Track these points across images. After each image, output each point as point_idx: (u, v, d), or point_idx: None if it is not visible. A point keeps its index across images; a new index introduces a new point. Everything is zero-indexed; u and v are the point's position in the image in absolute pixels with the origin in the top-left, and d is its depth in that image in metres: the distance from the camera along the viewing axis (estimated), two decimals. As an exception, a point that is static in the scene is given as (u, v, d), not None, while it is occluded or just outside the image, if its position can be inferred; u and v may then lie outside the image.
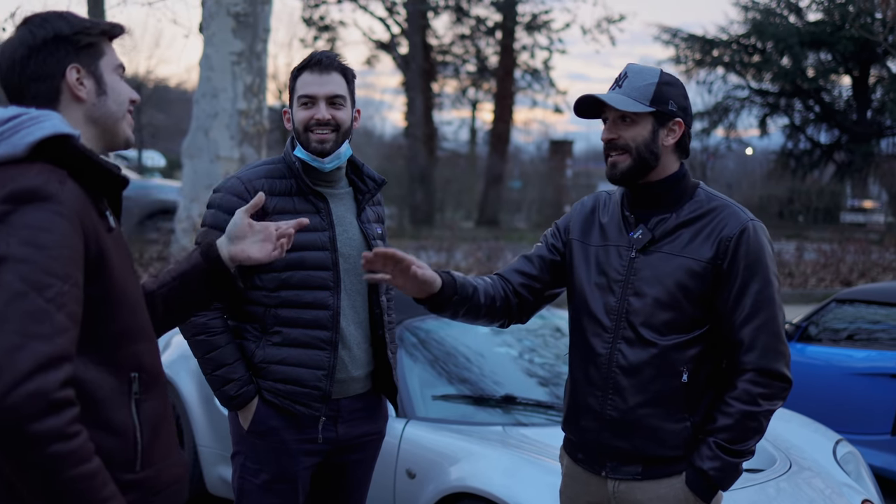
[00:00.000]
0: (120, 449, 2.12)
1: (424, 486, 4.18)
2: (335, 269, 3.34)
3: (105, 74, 2.26)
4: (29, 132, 2.09)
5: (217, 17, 14.60)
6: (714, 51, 35.18)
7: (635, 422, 2.87)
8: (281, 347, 3.32)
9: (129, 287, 2.18)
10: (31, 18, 2.25)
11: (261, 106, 15.02)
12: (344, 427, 3.43)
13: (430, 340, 5.07)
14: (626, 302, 2.90)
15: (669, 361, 2.85)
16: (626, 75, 2.90)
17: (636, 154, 2.87)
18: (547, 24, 34.14)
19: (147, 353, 2.23)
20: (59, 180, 2.05)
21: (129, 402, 2.15)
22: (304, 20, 35.19)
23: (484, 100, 39.56)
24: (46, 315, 1.91)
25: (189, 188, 15.10)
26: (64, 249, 1.99)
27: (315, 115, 3.33)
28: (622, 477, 2.92)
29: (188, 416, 5.69)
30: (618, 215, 3.00)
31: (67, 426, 1.88)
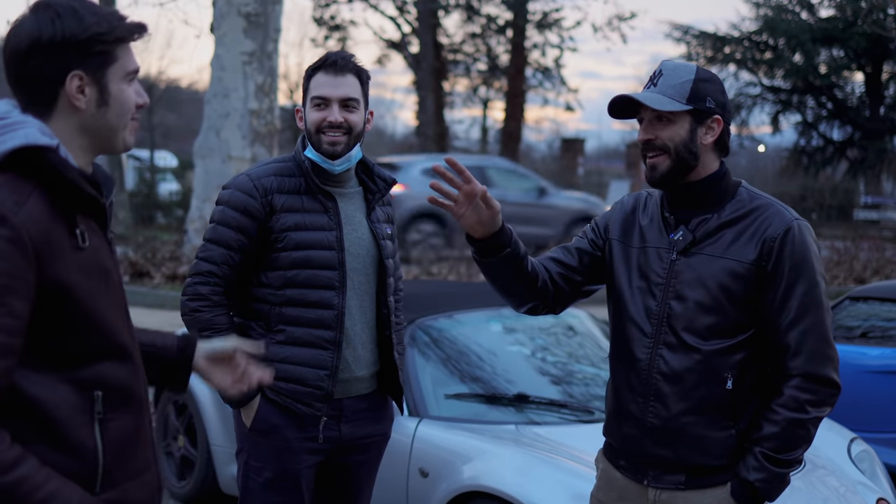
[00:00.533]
0: (77, 469, 2.05)
1: (437, 485, 4.17)
2: (341, 269, 3.34)
3: (111, 84, 2.11)
4: (1, 141, 1.99)
5: (228, 17, 14.61)
6: (726, 48, 35.08)
7: (678, 430, 2.78)
8: (284, 346, 3.32)
9: (96, 305, 2.07)
10: (44, 6, 2.06)
11: (272, 106, 15.02)
12: (347, 427, 3.43)
13: (443, 339, 5.06)
14: (668, 306, 2.80)
15: (713, 367, 2.75)
16: (661, 73, 2.80)
17: (675, 154, 2.76)
18: (558, 22, 34.08)
19: (119, 372, 2.13)
20: (18, 200, 1.95)
21: (90, 421, 2.06)
22: (314, 20, 35.19)
23: (495, 98, 39.53)
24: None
25: (201, 188, 15.13)
26: (3, 278, 1.90)
27: (327, 117, 3.32)
28: (664, 486, 2.83)
29: (201, 416, 5.70)
30: (658, 216, 2.90)
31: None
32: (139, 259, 15.73)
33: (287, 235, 3.28)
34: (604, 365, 5.22)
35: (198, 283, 3.29)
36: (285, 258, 3.28)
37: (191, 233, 15.38)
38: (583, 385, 5.13)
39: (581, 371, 5.25)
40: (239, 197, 3.31)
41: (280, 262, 3.28)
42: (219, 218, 3.34)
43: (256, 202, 3.29)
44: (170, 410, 6.10)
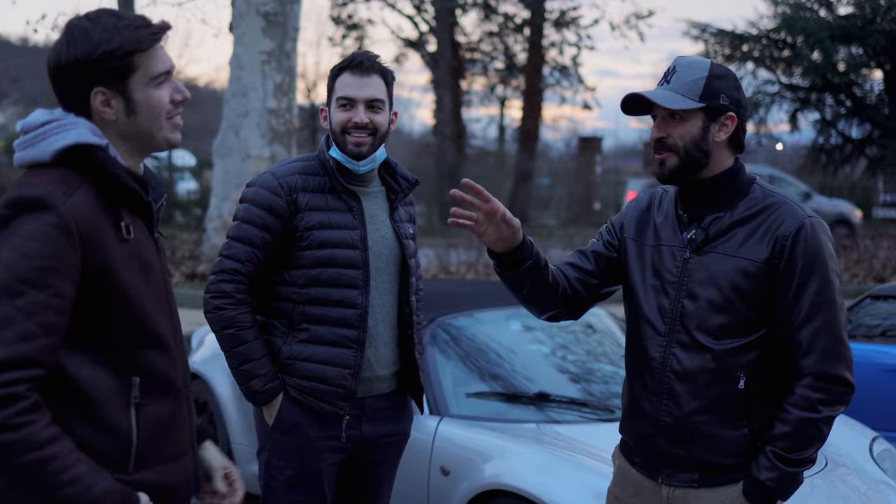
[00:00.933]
0: (112, 448, 2.18)
1: (458, 484, 4.18)
2: (365, 268, 3.35)
3: (135, 92, 2.24)
4: (55, 139, 2.17)
5: (247, 16, 14.66)
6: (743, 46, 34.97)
7: (691, 429, 2.79)
8: (307, 344, 3.33)
9: (136, 295, 2.20)
10: (66, 29, 2.24)
11: (291, 105, 15.06)
12: (368, 426, 3.44)
13: (463, 337, 5.07)
14: (681, 304, 2.81)
15: (726, 367, 2.75)
16: (674, 69, 2.79)
17: (683, 153, 2.76)
18: (575, 21, 34.07)
19: (157, 361, 2.26)
20: (66, 191, 2.11)
21: (127, 404, 2.20)
22: (332, 18, 35.26)
23: (512, 97, 39.52)
24: (13, 322, 2.01)
25: (220, 187, 15.19)
26: (48, 260, 2.05)
27: (353, 118, 3.32)
28: (678, 484, 2.84)
29: (221, 414, 5.73)
30: (672, 214, 2.90)
31: (12, 418, 1.99)
32: (158, 258, 15.80)
33: (312, 234, 3.28)
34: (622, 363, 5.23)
35: (222, 281, 3.30)
36: (309, 256, 3.29)
37: (210, 231, 15.43)
38: (602, 383, 5.13)
39: (600, 369, 5.26)
40: (264, 195, 3.32)
41: (304, 260, 3.29)
42: (243, 215, 3.34)
43: (281, 200, 3.29)
44: (191, 408, 6.12)
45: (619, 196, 32.83)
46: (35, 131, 2.21)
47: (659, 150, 2.79)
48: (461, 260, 16.30)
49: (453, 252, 16.73)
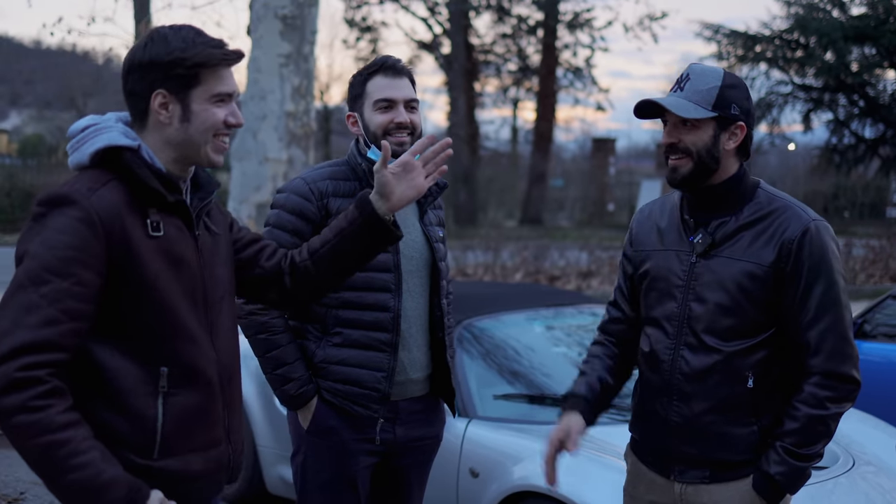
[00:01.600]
0: (138, 434, 2.30)
1: (488, 486, 4.21)
2: (397, 271, 3.36)
3: (194, 104, 2.39)
4: (91, 143, 2.36)
5: (265, 19, 14.70)
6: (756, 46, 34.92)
7: (701, 428, 2.85)
8: (341, 348, 3.34)
9: (163, 288, 2.33)
10: (151, 32, 2.42)
11: (308, 107, 15.10)
12: (402, 429, 3.45)
13: (489, 340, 5.10)
14: (688, 308, 2.87)
15: (734, 367, 2.81)
16: (687, 77, 2.84)
17: (697, 158, 2.81)
18: (589, 23, 34.10)
19: (186, 353, 2.37)
20: (91, 187, 2.27)
21: (154, 392, 2.32)
22: (346, 21, 35.32)
23: (525, 98, 39.55)
24: (37, 308, 2.14)
25: (238, 190, 15.21)
26: (71, 250, 2.19)
27: (395, 118, 3.35)
28: (690, 480, 2.90)
29: (247, 417, 5.75)
30: (677, 219, 2.97)
31: (30, 401, 2.10)
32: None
33: None
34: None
35: None
36: None
37: (227, 234, 15.49)
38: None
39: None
40: (295, 200, 3.34)
41: None
42: (275, 221, 3.38)
43: (312, 205, 3.32)
44: (216, 411, 6.15)
45: (632, 197, 32.83)
46: (77, 136, 2.40)
47: (671, 155, 2.85)
48: (478, 262, 16.33)
49: (470, 253, 16.77)
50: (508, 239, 19.67)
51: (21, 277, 2.18)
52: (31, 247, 2.21)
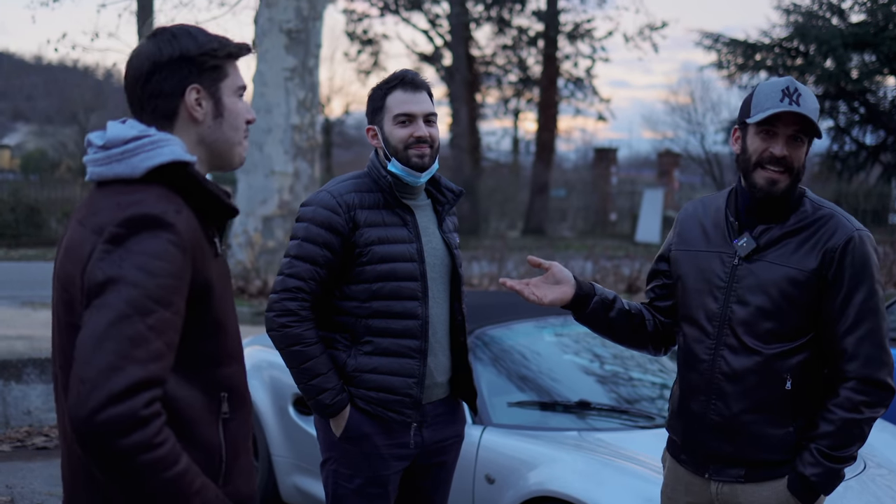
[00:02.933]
0: (206, 464, 2.21)
1: (504, 491, 4.26)
2: (423, 280, 3.44)
3: (225, 97, 2.29)
4: (149, 156, 2.17)
5: (270, 33, 14.80)
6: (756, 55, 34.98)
7: (739, 427, 2.93)
8: (372, 356, 3.41)
9: (226, 311, 2.27)
10: (161, 32, 2.28)
11: (314, 120, 15.18)
12: (429, 431, 3.54)
13: (501, 348, 5.15)
14: (730, 309, 2.94)
15: (773, 369, 2.89)
16: (797, 91, 2.86)
17: (795, 175, 2.90)
18: (589, 33, 34.17)
19: (236, 375, 2.32)
20: (177, 209, 2.13)
21: (216, 420, 2.24)
22: (347, 34, 35.44)
23: (526, 109, 39.63)
24: (145, 340, 2.00)
25: (245, 203, 15.29)
26: (171, 279, 2.06)
27: (415, 132, 3.43)
28: (725, 479, 2.97)
29: (262, 426, 5.80)
30: (722, 221, 3.04)
31: (154, 437, 1.99)
32: (182, 274, 15.87)
33: (371, 249, 3.38)
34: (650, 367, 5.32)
35: (285, 300, 3.36)
36: (370, 271, 3.38)
37: (234, 248, 15.53)
38: (640, 389, 5.21)
39: (639, 378, 5.33)
40: (323, 213, 3.40)
41: (365, 275, 3.38)
42: (303, 234, 3.41)
43: (340, 218, 3.38)
44: (230, 421, 6.20)
45: (634, 206, 32.85)
46: (123, 146, 2.19)
47: (776, 169, 2.87)
48: (483, 272, 16.38)
49: (475, 264, 16.82)
50: (512, 249, 19.72)
51: (120, 306, 2.01)
52: (127, 272, 2.04)
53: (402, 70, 3.55)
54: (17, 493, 6.11)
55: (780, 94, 2.85)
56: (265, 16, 14.87)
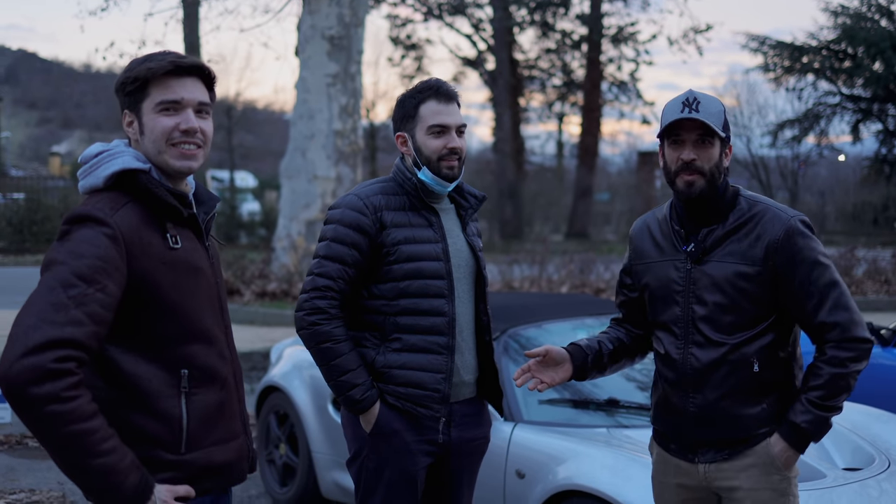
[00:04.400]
0: (166, 433, 2.51)
1: (534, 486, 4.36)
2: (449, 278, 3.55)
3: (144, 115, 2.61)
4: (106, 167, 2.56)
5: (312, 40, 14.97)
6: (804, 57, 34.81)
7: (717, 414, 3.17)
8: (401, 353, 3.52)
9: (181, 296, 2.55)
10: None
11: (356, 126, 15.33)
12: (456, 430, 3.63)
13: (533, 347, 5.23)
14: (691, 310, 3.19)
15: (740, 357, 3.14)
16: (696, 100, 3.13)
17: (710, 175, 3.14)
18: (633, 36, 34.10)
19: (203, 355, 2.60)
20: (113, 207, 2.47)
21: (178, 394, 2.54)
22: (391, 39, 35.59)
23: (570, 113, 39.58)
24: (65, 307, 2.31)
25: (288, 207, 15.47)
26: (98, 261, 2.38)
27: (448, 144, 3.55)
28: (712, 460, 3.21)
29: (302, 424, 5.94)
30: (669, 231, 3.28)
31: (63, 391, 2.26)
32: (229, 277, 16.10)
33: (398, 249, 3.49)
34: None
35: (315, 298, 3.47)
36: (398, 270, 3.50)
37: (278, 251, 15.72)
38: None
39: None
40: (351, 215, 3.52)
41: (393, 274, 3.50)
42: (332, 235, 3.53)
43: (367, 219, 3.49)
44: (271, 420, 6.37)
45: (679, 210, 32.72)
46: (90, 162, 2.59)
47: (688, 172, 3.13)
48: (524, 275, 16.46)
49: (516, 267, 16.89)
50: (554, 253, 19.77)
51: (49, 280, 2.35)
52: (59, 255, 2.39)
53: (434, 79, 3.65)
54: (67, 489, 6.30)
55: (681, 105, 3.12)
56: (308, 23, 15.05)
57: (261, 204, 32.81)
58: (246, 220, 30.88)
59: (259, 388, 6.57)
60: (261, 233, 29.06)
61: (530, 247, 21.73)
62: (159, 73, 2.57)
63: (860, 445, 4.59)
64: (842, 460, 4.52)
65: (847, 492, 4.10)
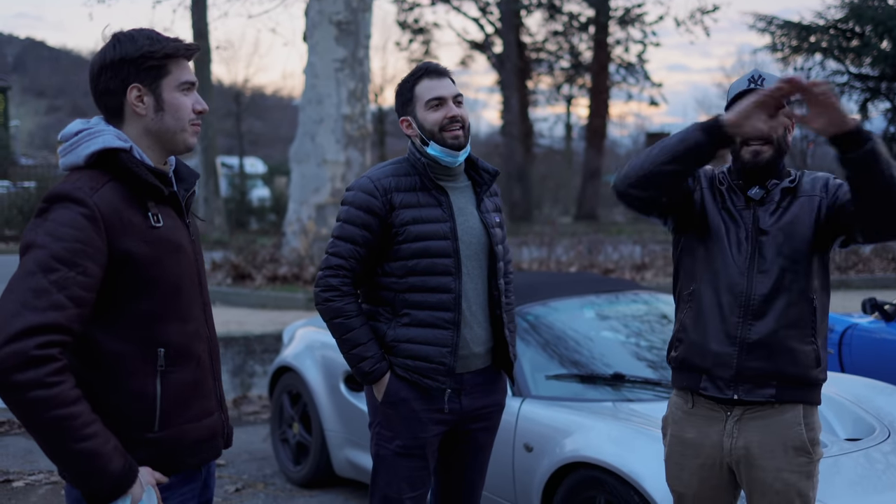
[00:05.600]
0: (140, 410, 2.54)
1: (541, 459, 4.47)
2: (456, 256, 3.68)
3: (165, 93, 2.62)
4: (86, 146, 2.55)
5: (320, 26, 15.04)
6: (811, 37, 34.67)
7: (775, 344, 3.24)
8: (409, 328, 3.67)
9: (163, 273, 2.56)
10: (114, 36, 2.62)
11: (364, 110, 15.40)
12: (467, 399, 3.77)
13: (541, 325, 5.34)
14: (756, 241, 3.28)
15: (801, 288, 3.24)
16: (762, 78, 3.27)
17: (777, 145, 3.30)
18: (640, 18, 34.05)
19: (180, 333, 2.62)
20: (93, 186, 2.47)
21: (153, 372, 2.56)
22: (398, 23, 35.61)
23: (579, 95, 39.57)
24: (46, 292, 2.33)
25: (298, 192, 15.54)
26: (77, 243, 2.39)
27: (447, 113, 3.68)
28: (755, 399, 3.24)
29: (315, 403, 6.05)
30: (729, 183, 3.40)
31: (46, 377, 2.29)
32: (241, 262, 16.20)
33: (406, 229, 3.64)
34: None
35: (328, 276, 3.67)
36: (406, 249, 3.64)
37: (289, 235, 15.81)
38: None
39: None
40: (362, 197, 3.68)
41: (402, 253, 3.65)
42: (345, 217, 3.71)
43: (377, 201, 3.65)
44: (284, 400, 6.49)
45: (688, 191, 32.73)
46: (71, 140, 2.59)
47: (755, 141, 3.28)
48: (533, 257, 16.56)
49: (525, 249, 16.99)
50: (563, 235, 19.86)
51: (29, 265, 2.36)
52: (39, 238, 2.38)
53: (425, 62, 3.82)
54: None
55: (747, 83, 3.27)
56: (315, 8, 15.13)
57: (270, 190, 32.91)
58: (256, 205, 30.99)
59: (272, 369, 6.68)
60: (271, 218, 29.18)
61: (539, 229, 21.79)
62: (181, 52, 2.62)
63: (861, 416, 4.68)
64: (843, 431, 4.61)
65: (849, 461, 4.19)
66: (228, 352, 11.31)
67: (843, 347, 6.73)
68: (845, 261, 17.81)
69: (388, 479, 3.75)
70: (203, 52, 25.08)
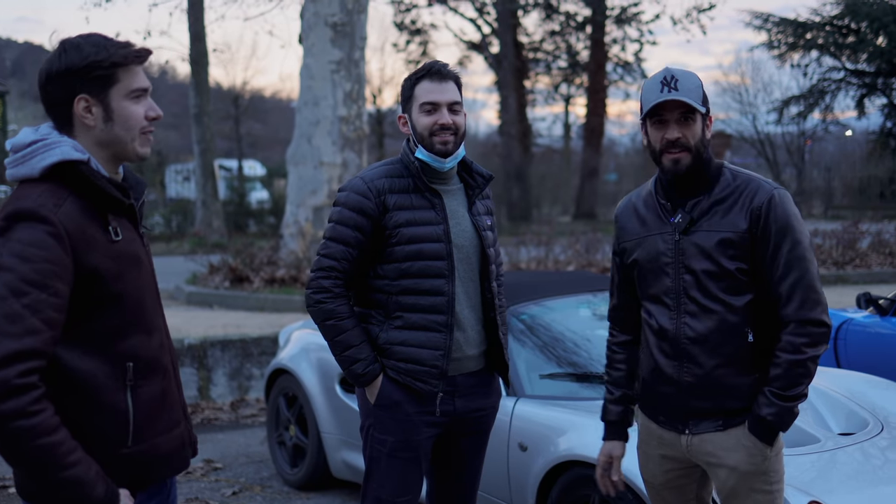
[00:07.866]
0: (113, 427, 2.47)
1: (536, 458, 4.48)
2: (449, 259, 3.66)
3: (114, 102, 2.50)
4: (42, 158, 2.44)
5: (315, 27, 15.05)
6: (807, 34, 34.72)
7: (712, 383, 3.20)
8: (402, 330, 3.65)
9: (126, 287, 2.49)
10: (61, 44, 2.52)
11: (360, 112, 15.40)
12: (461, 401, 3.76)
13: (535, 325, 5.34)
14: (682, 280, 3.23)
15: (732, 325, 3.17)
16: (674, 78, 3.18)
17: (695, 150, 3.20)
18: (636, 17, 34.07)
19: (147, 346, 2.55)
20: (56, 202, 2.38)
21: (123, 387, 2.49)
22: (395, 24, 35.62)
23: (576, 94, 39.60)
24: (20, 318, 2.25)
25: (295, 194, 15.55)
26: (46, 264, 2.30)
27: (438, 120, 3.65)
28: (704, 431, 3.25)
29: (311, 406, 6.05)
30: (655, 206, 3.34)
31: (28, 406, 2.23)
32: (238, 265, 16.20)
33: (400, 231, 3.62)
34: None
35: (320, 278, 3.64)
36: (399, 252, 3.62)
37: (286, 238, 15.82)
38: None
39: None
40: (354, 198, 3.65)
41: (395, 255, 3.62)
42: (337, 218, 3.69)
43: (370, 202, 3.62)
44: (280, 402, 6.48)
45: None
46: (23, 150, 2.47)
47: (673, 150, 3.19)
48: (531, 256, 16.57)
49: (523, 249, 17.00)
50: (560, 234, 19.87)
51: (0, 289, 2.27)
52: (5, 260, 2.29)
53: (433, 61, 3.76)
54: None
55: (660, 85, 3.17)
56: (311, 10, 15.14)
57: (269, 192, 32.88)
58: (255, 208, 30.96)
59: (268, 371, 6.67)
60: (270, 221, 29.14)
61: (536, 228, 21.80)
62: (130, 59, 2.51)
63: (854, 411, 4.69)
64: (836, 425, 4.62)
65: (844, 456, 4.20)
66: (226, 355, 11.31)
67: (839, 342, 6.75)
68: (842, 256, 17.83)
69: (380, 482, 3.74)
70: (201, 55, 25.06)
